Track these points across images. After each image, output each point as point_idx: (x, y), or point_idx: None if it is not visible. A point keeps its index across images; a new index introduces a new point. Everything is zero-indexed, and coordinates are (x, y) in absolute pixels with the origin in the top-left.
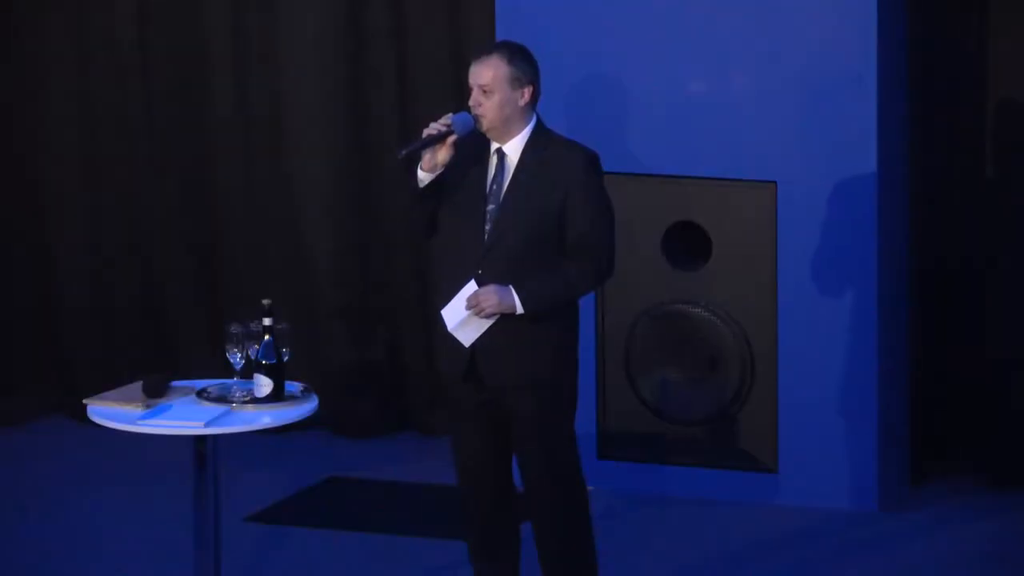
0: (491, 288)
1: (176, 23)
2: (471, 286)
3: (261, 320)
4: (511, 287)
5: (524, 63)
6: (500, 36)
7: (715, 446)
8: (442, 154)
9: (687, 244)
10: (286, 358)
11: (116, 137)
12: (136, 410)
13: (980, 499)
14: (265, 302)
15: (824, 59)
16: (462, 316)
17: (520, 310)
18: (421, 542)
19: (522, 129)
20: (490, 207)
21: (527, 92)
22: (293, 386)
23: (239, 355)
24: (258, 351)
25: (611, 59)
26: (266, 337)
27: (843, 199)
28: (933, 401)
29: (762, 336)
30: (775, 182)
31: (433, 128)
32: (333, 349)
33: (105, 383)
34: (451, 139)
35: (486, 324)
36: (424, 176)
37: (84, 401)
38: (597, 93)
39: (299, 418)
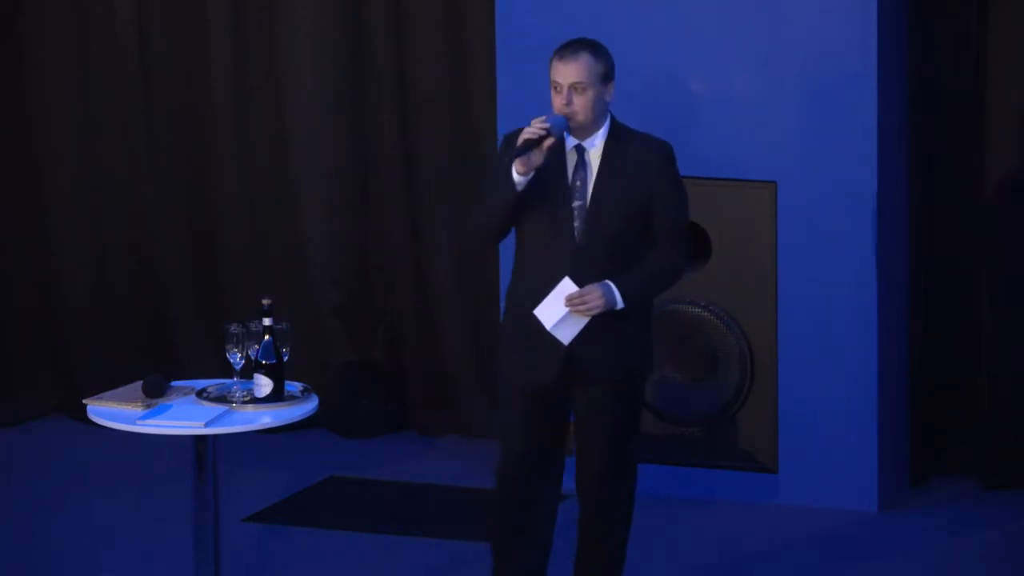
0: (594, 286)
1: (176, 22)
2: (566, 284)
3: (261, 320)
4: (611, 283)
5: (608, 58)
6: (500, 36)
7: (715, 446)
8: (536, 157)
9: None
10: (286, 358)
11: (116, 137)
12: (136, 410)
13: (980, 499)
14: (265, 302)
15: (824, 59)
16: (561, 314)
17: (621, 306)
18: (421, 542)
19: (603, 124)
20: (576, 203)
21: (611, 87)
22: (293, 386)
23: (239, 355)
24: (258, 351)
25: None
26: (266, 337)
27: (843, 199)
28: (933, 401)
29: (762, 336)
30: (775, 182)
31: (531, 132)
32: (333, 349)
33: (105, 383)
34: (548, 142)
35: (584, 321)
36: (520, 180)
37: (84, 401)
38: None
39: (299, 418)
